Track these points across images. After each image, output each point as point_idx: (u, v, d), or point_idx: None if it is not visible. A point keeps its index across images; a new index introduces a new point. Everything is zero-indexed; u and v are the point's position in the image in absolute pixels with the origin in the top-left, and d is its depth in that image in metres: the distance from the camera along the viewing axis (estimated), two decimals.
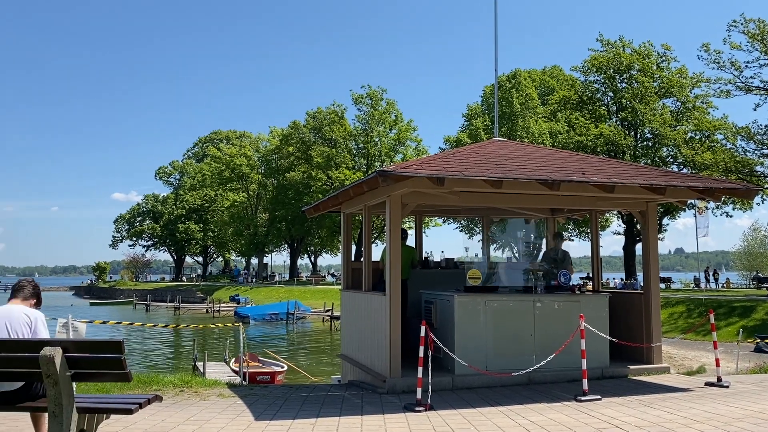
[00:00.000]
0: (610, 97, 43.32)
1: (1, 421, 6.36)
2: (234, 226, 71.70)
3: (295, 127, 63.05)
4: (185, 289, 70.67)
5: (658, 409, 6.84)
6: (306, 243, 76.11)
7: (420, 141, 61.18)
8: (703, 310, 26.80)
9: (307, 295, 52.77)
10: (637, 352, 9.42)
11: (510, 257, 11.91)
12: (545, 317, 8.77)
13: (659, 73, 41.78)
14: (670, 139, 39.82)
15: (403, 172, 7.44)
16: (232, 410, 7.07)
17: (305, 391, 8.66)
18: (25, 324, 4.76)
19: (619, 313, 9.70)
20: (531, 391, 7.99)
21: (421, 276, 10.75)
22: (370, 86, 59.55)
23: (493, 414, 6.70)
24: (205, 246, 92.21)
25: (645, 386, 8.34)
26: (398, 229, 8.55)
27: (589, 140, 39.59)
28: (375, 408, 7.09)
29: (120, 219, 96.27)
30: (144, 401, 4.77)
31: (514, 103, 47.37)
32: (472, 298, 8.57)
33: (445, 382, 8.12)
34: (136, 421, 6.29)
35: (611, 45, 42.48)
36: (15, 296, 4.97)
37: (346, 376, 10.77)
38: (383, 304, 8.45)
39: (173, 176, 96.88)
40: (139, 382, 8.54)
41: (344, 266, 11.58)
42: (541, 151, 10.90)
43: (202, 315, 52.24)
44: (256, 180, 71.35)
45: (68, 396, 4.32)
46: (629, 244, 42.97)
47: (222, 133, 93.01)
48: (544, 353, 8.12)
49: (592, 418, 6.40)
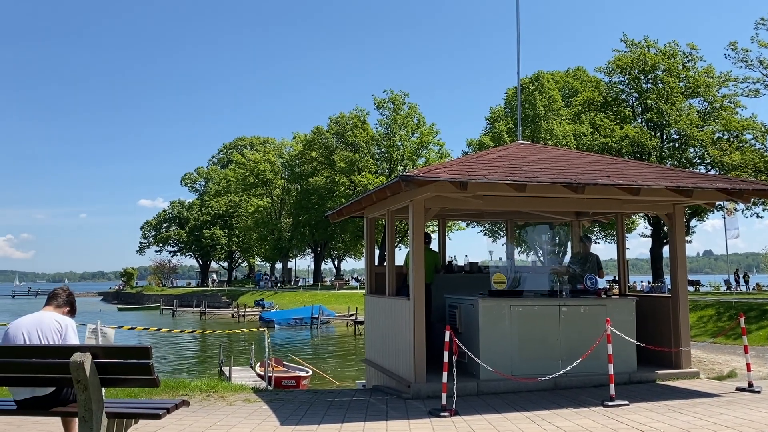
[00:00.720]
0: (635, 98, 42.78)
1: (33, 425, 6.48)
2: (258, 231, 72.25)
3: (318, 133, 63.38)
4: (211, 294, 71.34)
5: (688, 414, 6.73)
6: (329, 247, 76.35)
7: (442, 145, 61.12)
8: (733, 314, 26.27)
9: (331, 300, 52.91)
10: (665, 356, 9.28)
11: (535, 261, 11.80)
12: (571, 321, 8.68)
13: (685, 73, 41.17)
14: (697, 140, 39.17)
15: (425, 177, 7.44)
16: (257, 415, 7.12)
17: (330, 396, 8.69)
18: (55, 330, 4.85)
19: (646, 316, 9.56)
20: (557, 396, 7.92)
21: (445, 280, 10.72)
22: (392, 90, 59.72)
23: (519, 419, 6.65)
24: (230, 251, 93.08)
25: (674, 391, 8.21)
26: (421, 233, 8.54)
27: (613, 142, 39.12)
28: (400, 413, 7.08)
29: (147, 225, 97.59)
30: (171, 406, 4.82)
31: (537, 106, 47.06)
32: (496, 302, 8.52)
33: (470, 387, 8.08)
34: (163, 425, 6.37)
35: (636, 45, 41.95)
36: (49, 303, 5.08)
37: (371, 380, 10.77)
38: (407, 309, 8.44)
39: (198, 182, 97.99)
40: (166, 387, 8.64)
41: (368, 271, 11.59)
42: (565, 153, 10.81)
43: (228, 320, 52.64)
44: (279, 185, 71.86)
45: (98, 401, 4.38)
46: (656, 246, 42.33)
47: (246, 140, 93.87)
48: (570, 358, 8.04)
49: (620, 424, 6.31)
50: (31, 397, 4.73)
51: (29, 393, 4.71)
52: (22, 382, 4.61)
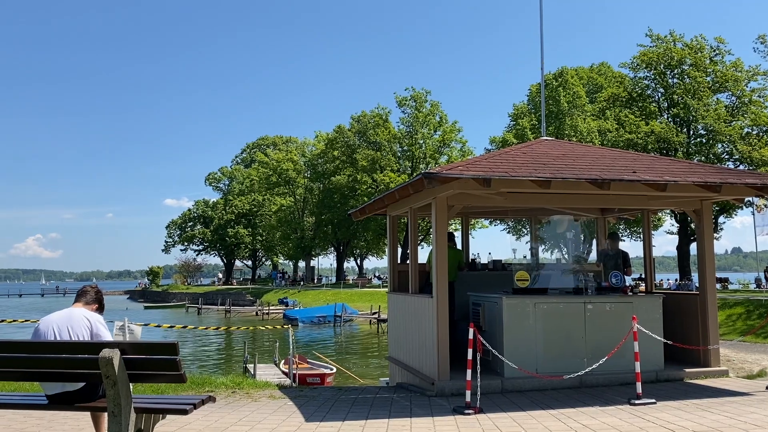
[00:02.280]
0: (660, 93, 42.14)
1: (64, 420, 6.60)
2: (281, 230, 72.66)
3: (340, 131, 63.52)
4: (235, 292, 71.94)
5: (717, 413, 6.62)
6: (352, 246, 76.56)
7: (465, 142, 60.87)
8: (763, 312, 25.77)
9: (354, 298, 53.03)
10: (693, 355, 9.15)
11: (559, 258, 11.66)
12: (597, 319, 8.60)
13: (713, 67, 40.43)
14: (726, 135, 38.47)
15: (448, 174, 7.41)
16: (282, 411, 7.17)
17: (354, 393, 8.71)
18: (85, 327, 4.94)
19: (673, 314, 9.43)
20: (583, 394, 7.84)
21: (469, 278, 10.67)
22: (414, 88, 59.60)
23: (544, 417, 6.60)
24: (254, 250, 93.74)
25: (702, 390, 8.08)
26: (444, 230, 8.52)
27: (639, 138, 38.58)
28: (424, 410, 7.08)
29: (172, 224, 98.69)
30: (198, 402, 4.87)
31: (561, 102, 46.62)
32: (521, 300, 8.47)
33: (494, 385, 8.04)
34: (190, 421, 6.44)
35: (661, 40, 41.31)
36: (78, 300, 5.18)
37: (394, 378, 10.78)
38: (430, 307, 8.43)
39: (222, 182, 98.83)
40: (192, 384, 8.73)
41: (390, 269, 11.60)
42: (590, 149, 10.70)
43: (252, 317, 53.05)
44: (302, 184, 72.18)
45: (126, 396, 4.45)
46: (683, 243, 41.69)
47: (269, 139, 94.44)
48: (596, 356, 7.96)
49: (647, 423, 6.24)
50: (62, 392, 4.82)
51: (60, 388, 4.81)
52: (53, 377, 4.70)
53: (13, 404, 5.11)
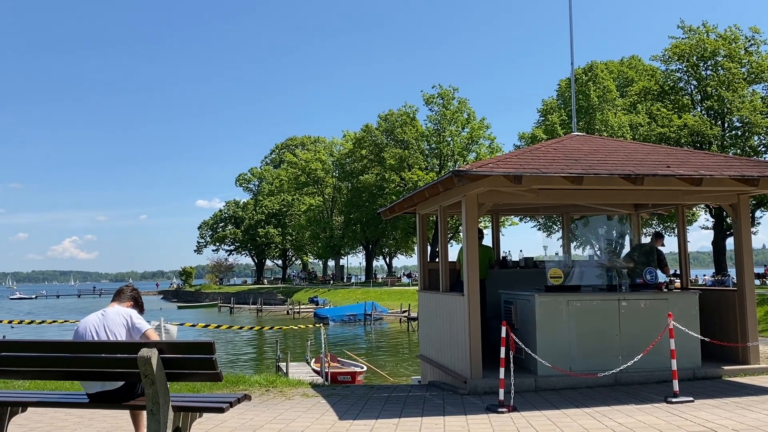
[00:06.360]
0: (693, 86, 41.30)
1: (104, 418, 6.75)
2: (311, 229, 73.08)
3: (367, 130, 63.59)
4: (266, 291, 72.60)
5: (757, 411, 6.48)
6: (381, 245, 76.67)
7: (493, 139, 60.41)
8: None
9: (383, 297, 53.09)
10: (731, 352, 8.96)
11: (592, 255, 11.47)
12: (631, 316, 8.48)
13: (748, 58, 39.47)
14: (762, 127, 37.54)
15: (478, 171, 7.38)
16: (316, 410, 7.22)
17: (386, 391, 8.73)
18: (121, 324, 5.06)
19: (710, 311, 9.25)
20: (618, 392, 7.74)
21: (500, 276, 10.62)
22: (441, 86, 59.32)
23: (579, 415, 6.54)
24: (284, 249, 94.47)
25: (741, 388, 7.92)
26: (475, 228, 8.48)
27: (672, 132, 37.87)
28: (457, 409, 7.06)
29: (204, 225, 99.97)
30: (234, 400, 4.93)
31: (591, 96, 45.99)
32: (553, 297, 8.40)
33: (527, 383, 7.99)
34: (226, 419, 6.53)
35: (694, 31, 40.47)
36: (114, 300, 5.33)
37: (426, 376, 10.77)
38: (462, 305, 8.41)
39: (252, 183, 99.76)
40: (227, 382, 8.85)
41: (420, 267, 11.59)
42: (622, 144, 10.55)
43: (283, 316, 53.50)
44: (331, 184, 72.51)
45: (164, 395, 4.53)
46: (718, 238, 40.81)
47: (297, 139, 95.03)
48: (631, 353, 7.86)
49: (685, 421, 6.13)
50: (102, 391, 4.92)
51: (100, 387, 4.91)
52: (93, 376, 4.80)
53: (55, 402, 5.24)
